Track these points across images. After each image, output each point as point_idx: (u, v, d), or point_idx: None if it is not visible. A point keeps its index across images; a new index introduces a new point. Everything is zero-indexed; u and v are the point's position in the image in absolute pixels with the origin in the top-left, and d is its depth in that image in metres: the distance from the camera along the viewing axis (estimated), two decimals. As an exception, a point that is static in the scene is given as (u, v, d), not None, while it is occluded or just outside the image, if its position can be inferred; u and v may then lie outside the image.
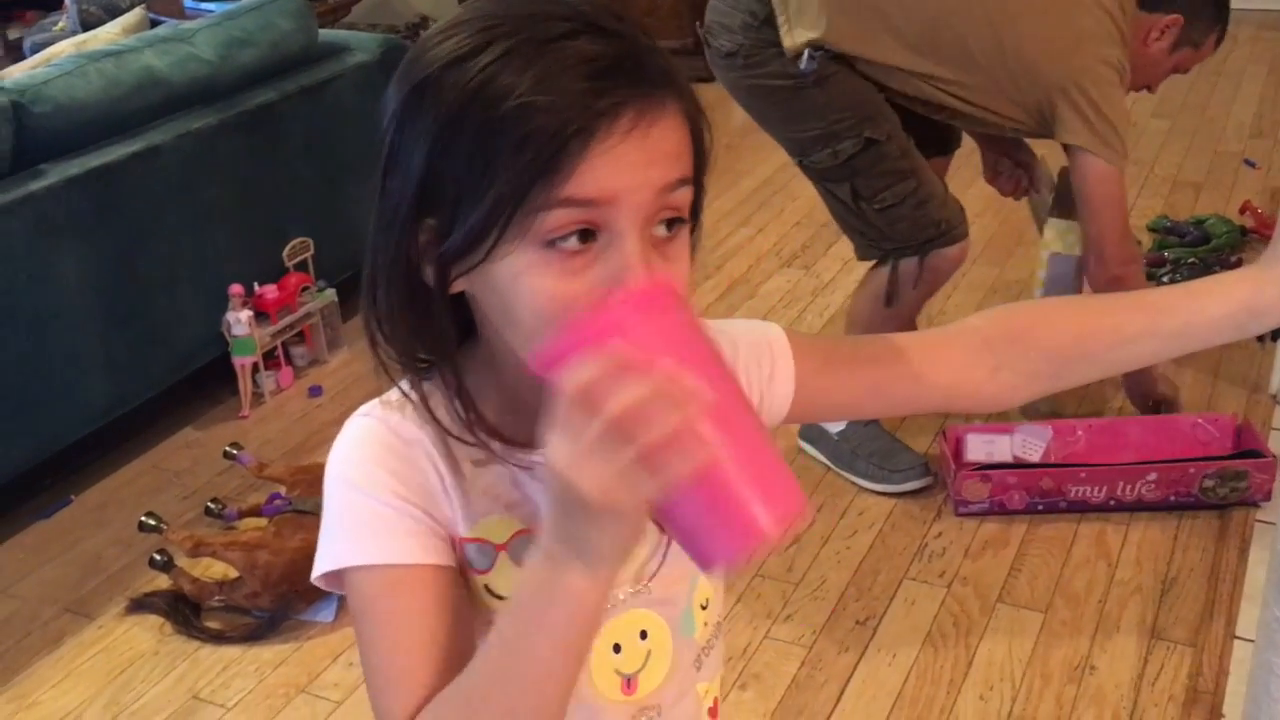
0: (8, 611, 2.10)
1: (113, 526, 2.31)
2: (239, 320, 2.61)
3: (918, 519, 2.16)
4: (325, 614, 2.05)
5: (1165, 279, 2.84)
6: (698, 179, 0.70)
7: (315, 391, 2.74)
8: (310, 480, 2.22)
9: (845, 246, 2.43)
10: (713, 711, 0.84)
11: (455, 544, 0.73)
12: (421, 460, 0.73)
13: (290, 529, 2.07)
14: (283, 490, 2.24)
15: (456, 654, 0.73)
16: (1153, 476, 2.07)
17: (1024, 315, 0.83)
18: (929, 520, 2.15)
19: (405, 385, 0.75)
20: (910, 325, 2.22)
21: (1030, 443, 2.14)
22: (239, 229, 2.67)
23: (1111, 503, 2.11)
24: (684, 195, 0.68)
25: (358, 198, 3.00)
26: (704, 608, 0.80)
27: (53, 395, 2.31)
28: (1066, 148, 2.04)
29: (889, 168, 2.06)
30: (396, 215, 0.70)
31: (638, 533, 0.62)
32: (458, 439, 0.73)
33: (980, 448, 2.16)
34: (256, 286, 2.68)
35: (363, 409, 0.76)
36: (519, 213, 0.66)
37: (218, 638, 2.02)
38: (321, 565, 0.73)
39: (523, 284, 0.67)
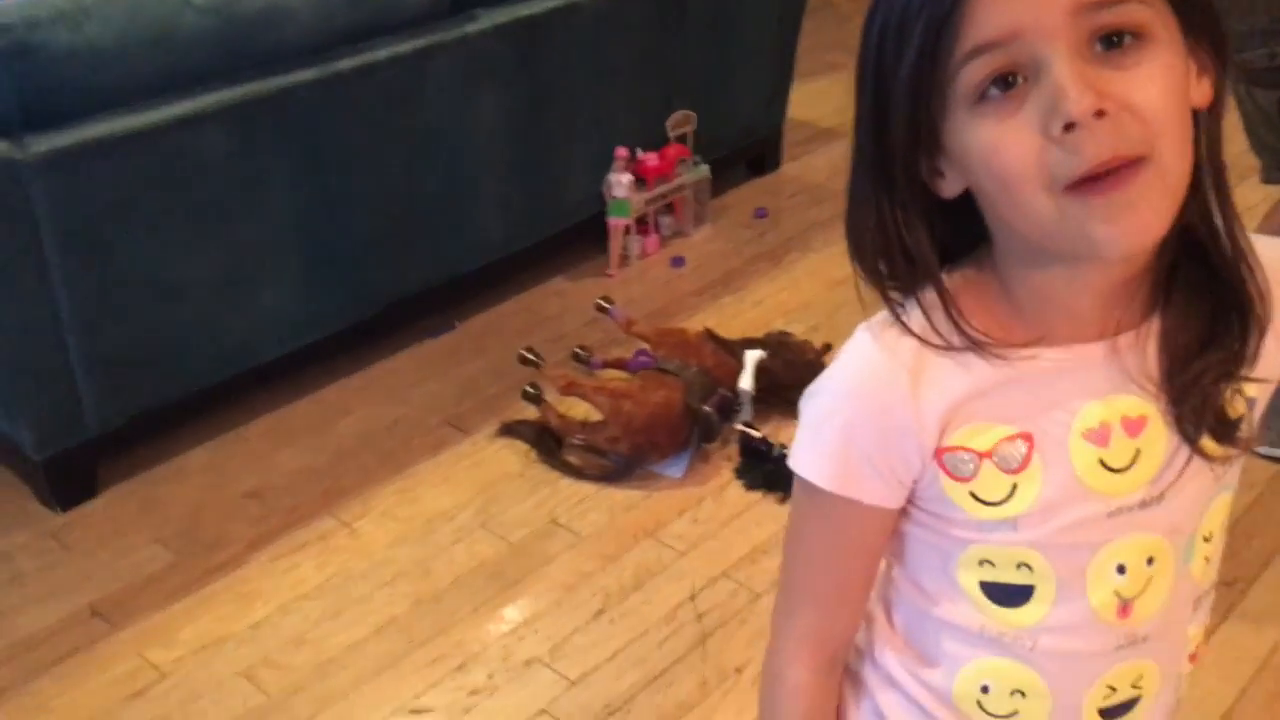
0: (397, 414, 2.33)
1: (489, 356, 2.50)
2: (620, 182, 2.72)
3: None
4: (676, 470, 2.15)
5: None
6: None
7: (678, 262, 2.83)
8: (675, 343, 2.31)
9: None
10: (1193, 658, 0.81)
11: (933, 456, 0.73)
12: (902, 390, 0.71)
13: (654, 385, 2.17)
14: (648, 348, 2.34)
15: (857, 585, 0.79)
16: None
17: None
18: None
19: (900, 302, 0.73)
20: None
21: None
22: (632, 94, 2.76)
23: None
24: (1126, 10, 0.62)
25: (743, 80, 3.03)
26: (1207, 540, 0.77)
27: (455, 226, 2.51)
28: None
29: None
30: (860, 120, 0.71)
31: None
32: (943, 348, 0.71)
33: None
34: (639, 152, 2.77)
35: (869, 323, 0.75)
36: (937, 79, 0.65)
37: (576, 472, 2.16)
38: (791, 459, 0.76)
39: (972, 153, 0.65)
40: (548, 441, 2.21)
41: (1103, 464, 0.72)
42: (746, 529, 2.02)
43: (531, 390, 2.26)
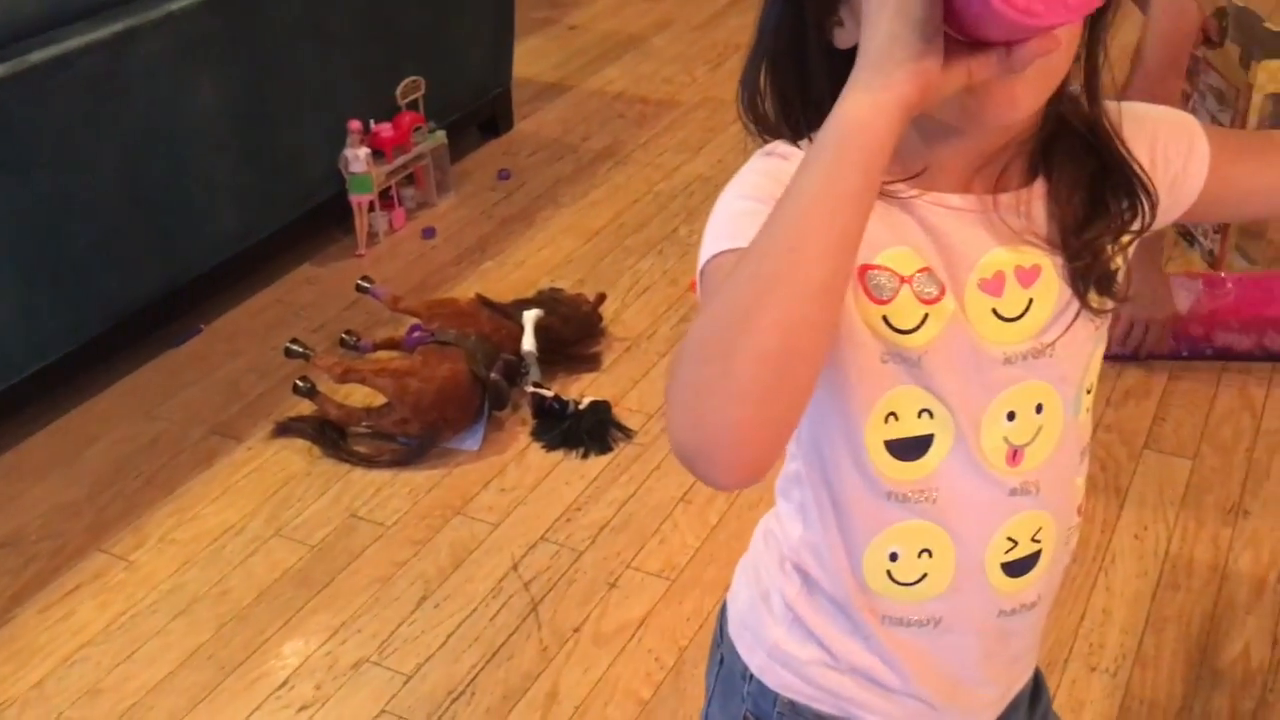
0: (155, 431, 2.14)
1: (247, 355, 2.33)
2: (357, 157, 2.59)
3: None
4: (472, 442, 2.08)
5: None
6: None
7: (429, 234, 2.73)
8: (448, 313, 2.23)
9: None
10: (1080, 510, 0.84)
11: (856, 272, 0.72)
12: None
13: (436, 359, 2.09)
14: (420, 322, 2.25)
15: None
16: None
17: None
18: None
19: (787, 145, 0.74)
20: None
21: (1178, 294, 2.13)
22: (357, 62, 2.63)
23: (1258, 351, 2.11)
24: None
25: (465, 37, 2.95)
26: (1088, 392, 0.80)
27: (186, 223, 2.31)
28: None
29: None
30: None
31: (914, 19, 0.58)
32: None
33: None
34: (373, 124, 2.65)
35: (763, 149, 0.75)
36: None
37: (367, 461, 2.05)
38: (701, 255, 0.72)
39: (870, 6, 0.63)
40: (330, 434, 2.09)
41: (996, 313, 0.74)
42: (555, 489, 1.98)
43: (303, 384, 2.12)
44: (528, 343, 2.20)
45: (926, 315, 0.73)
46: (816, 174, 0.61)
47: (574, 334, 2.29)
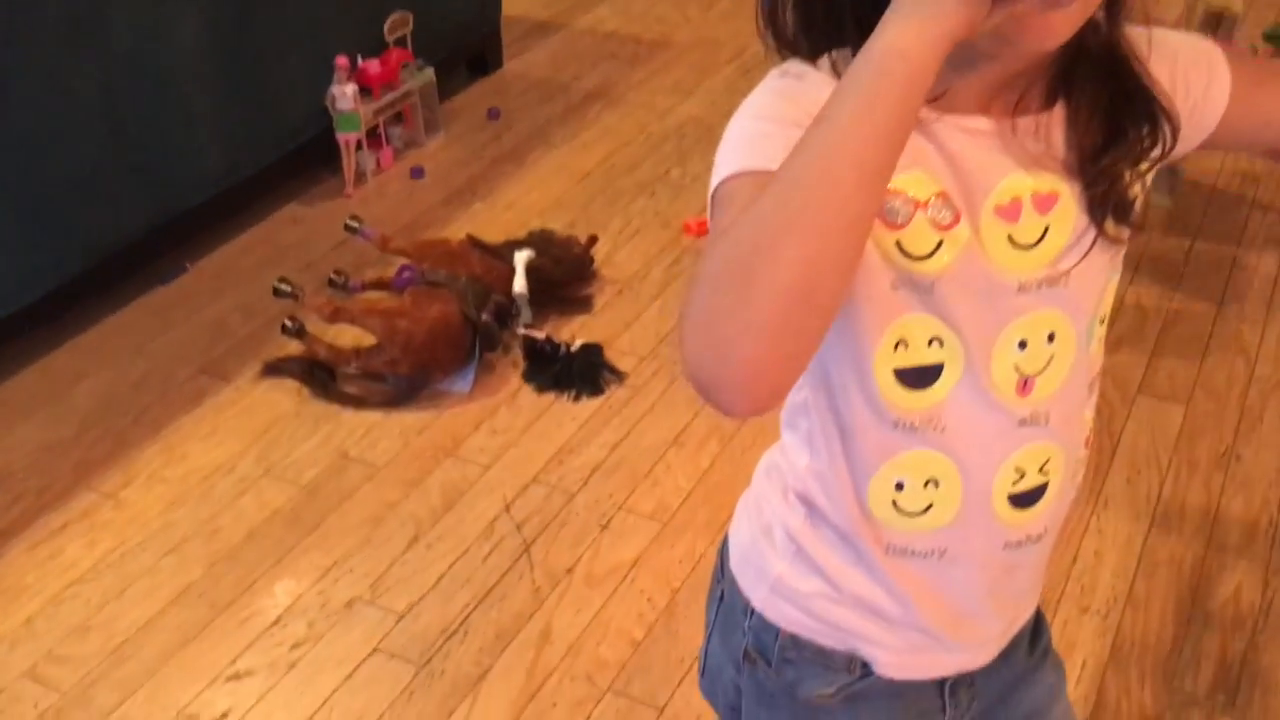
0: (143, 370, 2.11)
1: (234, 294, 2.30)
2: (344, 94, 2.54)
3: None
4: (463, 384, 2.06)
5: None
6: None
7: (417, 173, 2.69)
8: (439, 254, 2.21)
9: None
10: (1088, 443, 0.83)
11: None
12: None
13: (426, 300, 2.07)
14: (410, 263, 2.22)
15: None
16: None
17: None
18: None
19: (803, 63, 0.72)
20: None
21: None
22: (344, 1, 2.57)
23: None
24: None
25: (456, -26, 2.89)
26: (1102, 323, 0.79)
27: (170, 161, 2.27)
28: None
29: None
30: None
31: None
32: None
33: None
34: (359, 60, 2.60)
35: (766, 79, 0.73)
36: None
37: (357, 402, 2.03)
38: (714, 176, 0.69)
39: None
40: (319, 375, 2.07)
41: (1011, 239, 0.73)
42: (547, 432, 1.97)
43: (291, 324, 2.09)
44: (519, 284, 2.17)
45: (941, 242, 0.71)
46: (853, 103, 0.59)
47: (565, 275, 2.26)
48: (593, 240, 2.32)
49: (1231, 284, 2.20)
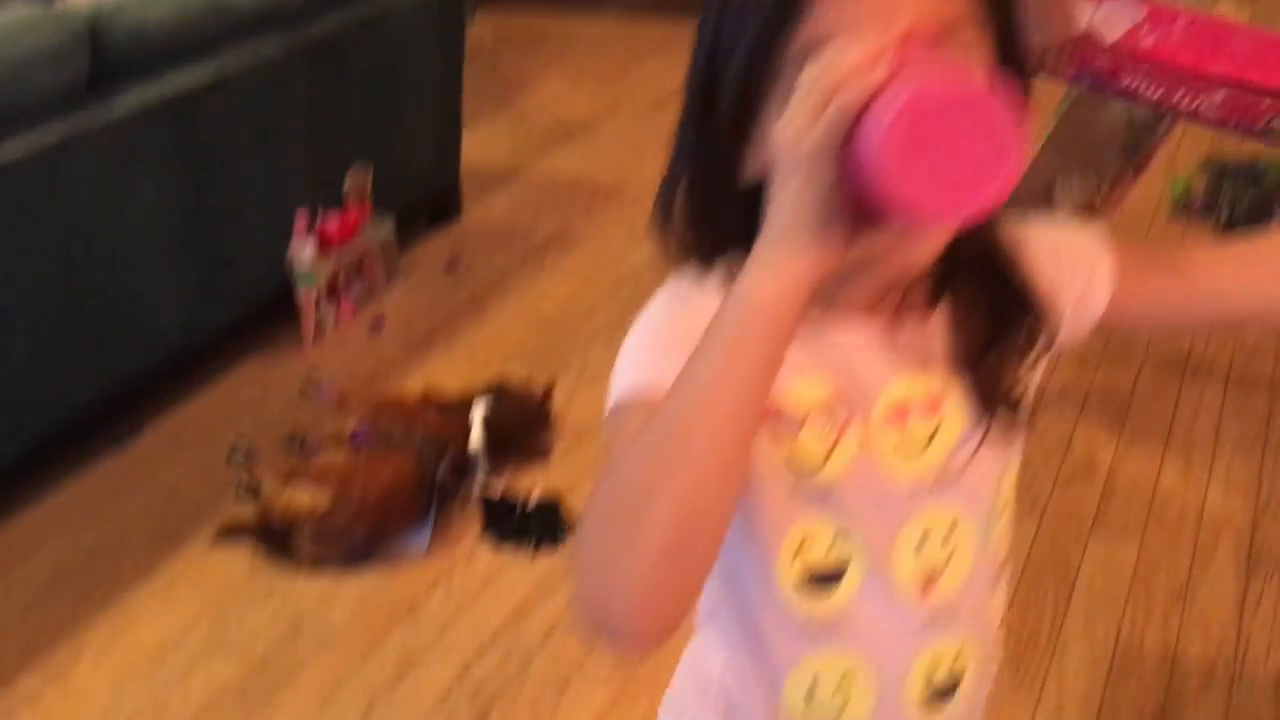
0: (94, 539, 2.09)
1: (190, 457, 2.29)
2: (303, 251, 2.58)
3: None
4: (419, 543, 2.05)
5: (1223, 217, 2.86)
6: (1002, 20, 0.67)
7: (377, 325, 2.72)
8: (394, 410, 2.22)
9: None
10: (1001, 626, 0.83)
11: None
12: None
13: (382, 458, 2.07)
14: (367, 420, 2.23)
15: None
16: (1220, 96, 1.80)
17: None
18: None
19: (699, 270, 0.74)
20: None
21: (1114, 19, 1.85)
22: (303, 156, 2.63)
23: (1162, 110, 1.89)
24: (958, 36, 0.64)
25: (413, 129, 2.97)
26: (1002, 512, 0.80)
27: (127, 327, 2.29)
28: None
29: None
30: (690, 98, 0.71)
31: (816, 203, 0.59)
32: None
33: None
34: (319, 217, 2.65)
35: (663, 288, 0.75)
36: (768, 68, 0.65)
37: (312, 565, 2.01)
38: (610, 393, 0.71)
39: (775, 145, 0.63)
40: (274, 538, 2.05)
41: (901, 442, 0.74)
42: (504, 590, 1.96)
43: (246, 486, 2.09)
44: (475, 438, 2.18)
45: (831, 449, 0.73)
46: (717, 352, 0.61)
47: (523, 426, 2.27)
48: (550, 388, 2.34)
49: (1178, 416, 2.23)
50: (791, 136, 0.59)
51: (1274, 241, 0.82)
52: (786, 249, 0.60)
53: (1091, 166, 2.09)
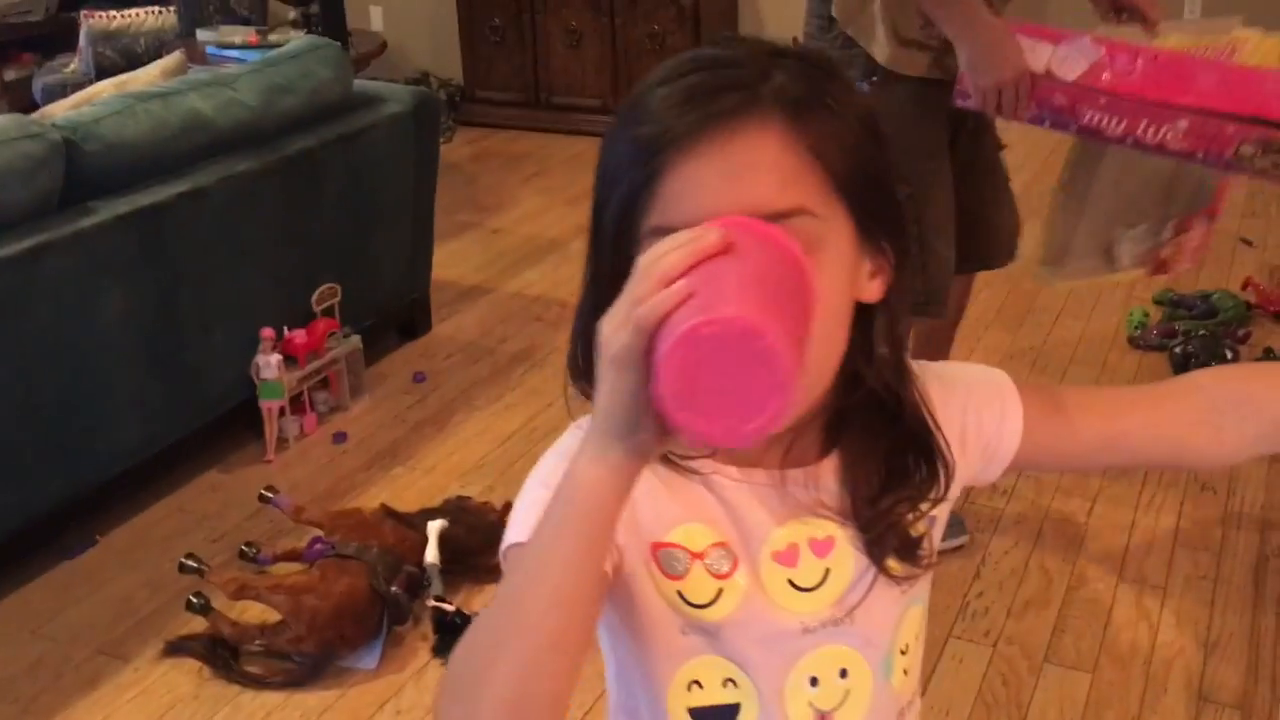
0: (39, 652, 2.06)
1: (142, 568, 2.27)
2: (268, 364, 2.60)
3: (957, 578, 2.18)
4: (369, 660, 2.03)
5: (1178, 350, 2.91)
6: (858, 202, 0.69)
7: (340, 438, 2.72)
8: (351, 524, 2.21)
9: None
10: None
11: (649, 550, 0.74)
12: None
13: (335, 573, 2.05)
14: (322, 534, 2.22)
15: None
16: (1184, 124, 1.73)
17: (1253, 379, 0.85)
18: (968, 579, 2.17)
19: None
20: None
21: (1072, 60, 1.79)
22: (272, 273, 2.67)
23: (1129, 140, 1.79)
24: (797, 224, 0.65)
25: (384, 245, 3.01)
26: (903, 653, 0.80)
27: (85, 435, 2.29)
28: None
29: None
30: (589, 246, 0.73)
31: (627, 400, 0.61)
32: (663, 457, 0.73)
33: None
34: (286, 330, 2.67)
35: (576, 422, 0.76)
36: (631, 236, 0.68)
37: (258, 682, 1.98)
38: (505, 537, 0.73)
39: None
40: (222, 654, 2.03)
41: (792, 583, 0.75)
42: (452, 711, 1.93)
43: (196, 600, 2.06)
44: (431, 554, 2.17)
45: (721, 590, 0.74)
46: (548, 528, 0.64)
47: (479, 544, 2.26)
48: (507, 507, 2.33)
49: (1131, 547, 2.25)
50: (608, 333, 0.61)
51: (1185, 387, 0.84)
52: (602, 440, 0.62)
53: (1142, 217, 2.01)
